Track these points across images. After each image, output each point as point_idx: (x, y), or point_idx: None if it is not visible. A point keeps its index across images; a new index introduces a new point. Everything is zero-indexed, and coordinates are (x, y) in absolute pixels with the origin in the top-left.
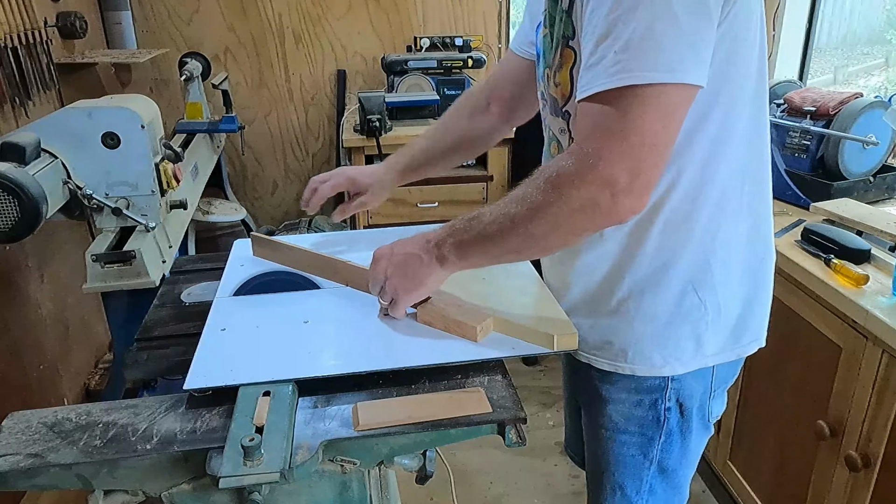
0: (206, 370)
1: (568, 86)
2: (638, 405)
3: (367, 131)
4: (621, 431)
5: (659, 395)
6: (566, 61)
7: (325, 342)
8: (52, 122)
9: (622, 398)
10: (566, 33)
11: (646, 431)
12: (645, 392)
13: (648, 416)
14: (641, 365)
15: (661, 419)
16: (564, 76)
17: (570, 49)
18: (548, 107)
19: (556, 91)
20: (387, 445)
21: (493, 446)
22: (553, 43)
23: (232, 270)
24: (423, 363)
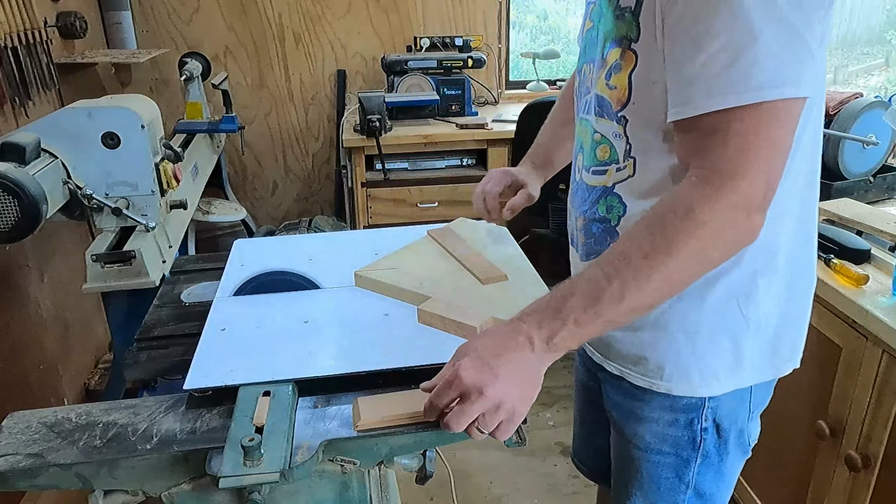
0: (206, 370)
1: (626, 90)
2: (673, 424)
3: (367, 131)
4: (655, 452)
5: (695, 414)
6: (626, 64)
7: (326, 342)
8: (52, 122)
9: (656, 417)
10: (629, 34)
11: (681, 453)
12: (681, 411)
13: (684, 437)
14: (678, 383)
15: (697, 440)
16: (623, 80)
17: (631, 52)
18: (592, 106)
19: (610, 94)
20: (387, 445)
21: (493, 446)
22: (602, 40)
23: (232, 270)
24: (423, 363)
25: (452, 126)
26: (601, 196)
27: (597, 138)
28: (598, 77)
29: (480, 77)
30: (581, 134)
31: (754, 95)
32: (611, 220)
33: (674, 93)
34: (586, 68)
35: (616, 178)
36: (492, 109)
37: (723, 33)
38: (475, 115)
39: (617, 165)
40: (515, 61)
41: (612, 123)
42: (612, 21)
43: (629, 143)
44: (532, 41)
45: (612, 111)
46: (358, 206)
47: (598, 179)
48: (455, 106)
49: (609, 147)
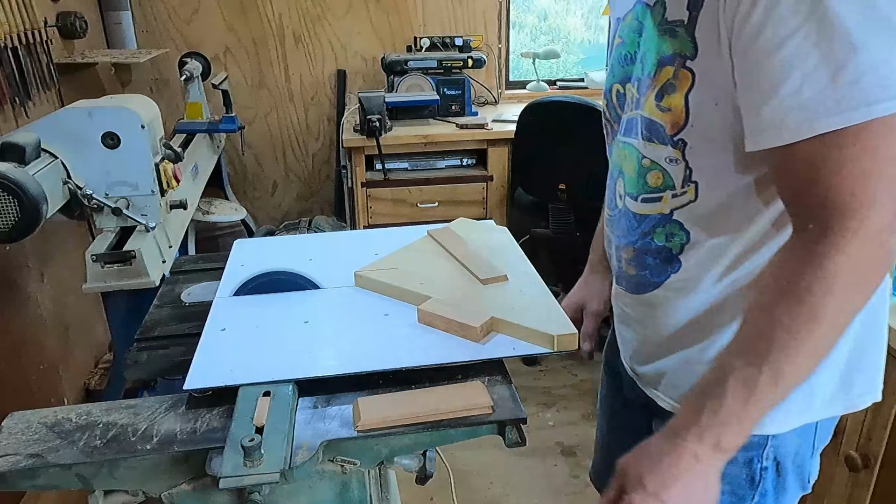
0: (206, 370)
1: (683, 112)
2: (730, 462)
3: (367, 131)
4: None
5: (755, 453)
6: (682, 84)
7: (326, 342)
8: (52, 122)
9: None
10: (682, 51)
11: (737, 491)
12: (740, 449)
13: (742, 475)
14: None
15: (755, 480)
16: (678, 101)
17: (687, 70)
18: (638, 129)
19: (662, 116)
20: (387, 445)
21: (493, 446)
22: (644, 58)
23: (232, 270)
24: (423, 363)
25: (452, 126)
26: (658, 224)
27: (645, 164)
28: (645, 98)
29: (480, 77)
30: (620, 158)
31: (864, 112)
32: (672, 249)
33: (756, 117)
34: (618, 88)
35: (674, 203)
36: (492, 109)
37: (818, 46)
38: (475, 115)
39: (673, 192)
40: (515, 61)
41: (665, 148)
42: (658, 37)
43: (689, 168)
44: (532, 41)
45: (666, 135)
46: (358, 206)
47: (652, 207)
48: (455, 106)
49: (662, 173)
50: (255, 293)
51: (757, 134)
